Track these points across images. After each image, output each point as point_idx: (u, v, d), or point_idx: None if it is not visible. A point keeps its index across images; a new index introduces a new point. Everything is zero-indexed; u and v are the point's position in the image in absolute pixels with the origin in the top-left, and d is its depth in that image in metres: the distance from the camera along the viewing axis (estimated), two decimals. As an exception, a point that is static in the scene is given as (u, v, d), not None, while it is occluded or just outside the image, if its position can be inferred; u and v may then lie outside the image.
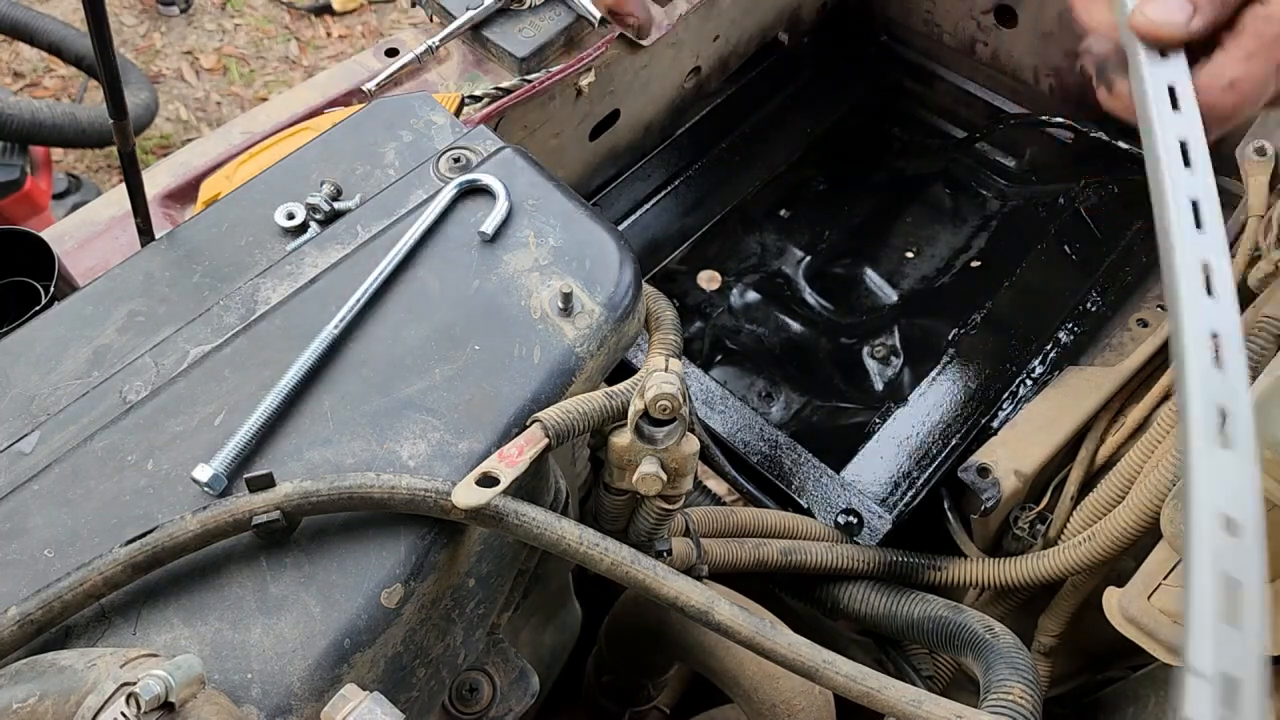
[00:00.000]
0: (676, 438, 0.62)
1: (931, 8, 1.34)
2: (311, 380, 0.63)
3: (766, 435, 0.97)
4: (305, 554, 0.56)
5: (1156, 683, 0.77)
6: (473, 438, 0.62)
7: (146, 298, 0.69)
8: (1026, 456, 0.90)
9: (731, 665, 0.80)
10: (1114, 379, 0.95)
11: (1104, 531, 0.78)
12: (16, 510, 0.58)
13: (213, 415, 0.62)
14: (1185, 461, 0.40)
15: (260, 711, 0.52)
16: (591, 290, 0.68)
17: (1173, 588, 0.67)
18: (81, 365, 0.65)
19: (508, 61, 1.04)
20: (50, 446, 0.61)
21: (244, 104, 2.88)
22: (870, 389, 1.11)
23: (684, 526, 0.84)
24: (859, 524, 0.91)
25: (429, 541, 0.59)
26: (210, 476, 0.57)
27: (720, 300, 1.19)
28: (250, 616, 0.54)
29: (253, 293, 0.68)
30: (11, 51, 2.88)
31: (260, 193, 0.75)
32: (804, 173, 1.30)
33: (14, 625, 0.50)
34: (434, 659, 0.63)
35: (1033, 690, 0.67)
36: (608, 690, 0.98)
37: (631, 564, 0.58)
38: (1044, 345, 1.05)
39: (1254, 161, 0.93)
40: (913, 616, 0.85)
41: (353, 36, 3.10)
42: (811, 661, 0.57)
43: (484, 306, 0.67)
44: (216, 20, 3.09)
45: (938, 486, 0.96)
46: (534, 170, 0.73)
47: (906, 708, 0.56)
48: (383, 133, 0.78)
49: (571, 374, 0.66)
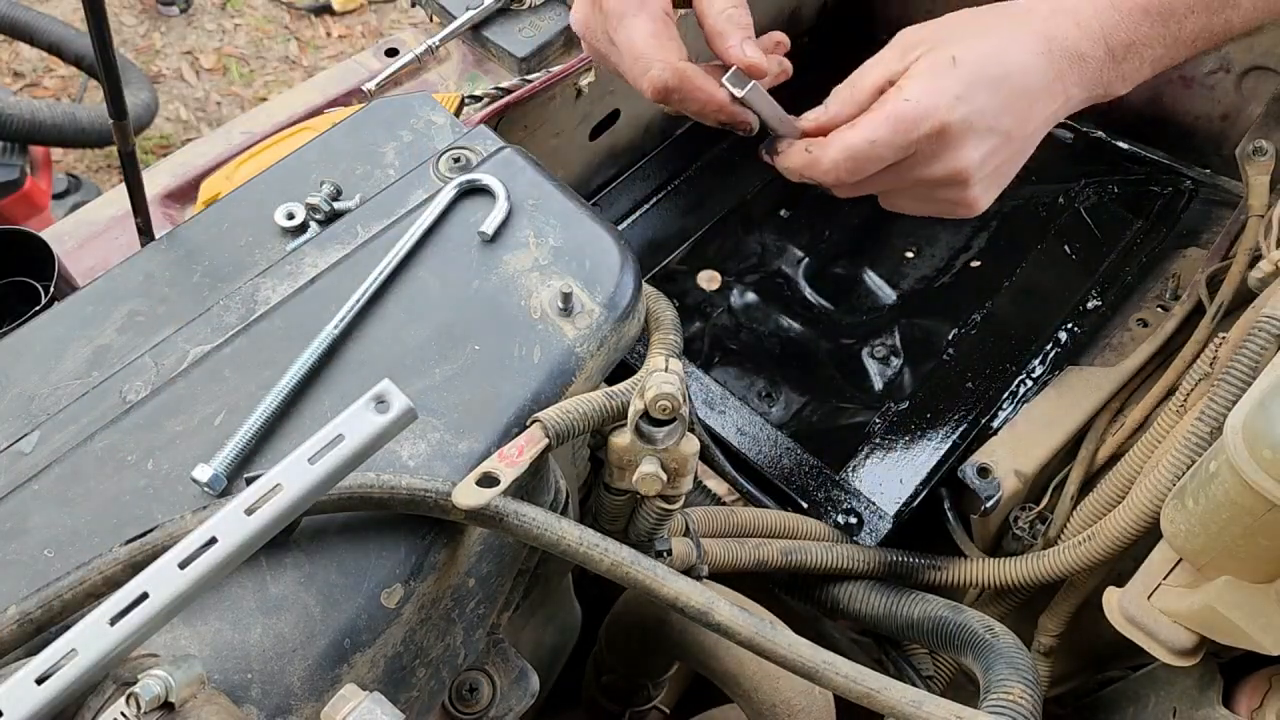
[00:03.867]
0: (676, 438, 0.62)
1: (932, 7, 1.34)
2: (311, 380, 0.63)
3: (766, 435, 0.97)
4: (305, 554, 0.56)
5: (1156, 683, 0.77)
6: (473, 438, 0.62)
7: (146, 298, 0.69)
8: (1026, 456, 0.90)
9: (731, 665, 0.80)
10: (1114, 379, 0.95)
11: (1104, 531, 0.78)
12: (16, 510, 0.58)
13: (213, 415, 0.62)
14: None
15: (260, 711, 0.52)
16: (591, 290, 0.68)
17: (1173, 588, 0.67)
18: (81, 365, 0.65)
19: (508, 61, 1.03)
20: (50, 446, 0.61)
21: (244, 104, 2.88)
22: (870, 389, 1.11)
23: (684, 526, 0.84)
24: (859, 524, 0.91)
25: (429, 541, 0.59)
26: (210, 476, 0.57)
27: (720, 300, 1.19)
28: (250, 616, 0.54)
29: (253, 293, 0.68)
30: (11, 51, 2.88)
31: (260, 193, 0.75)
32: (804, 173, 1.30)
33: (13, 624, 0.50)
34: (434, 659, 0.63)
35: (1033, 690, 0.67)
36: (608, 690, 0.98)
37: (631, 564, 0.58)
38: (1044, 345, 1.05)
39: (1254, 161, 0.93)
40: (912, 616, 0.85)
41: (353, 36, 3.10)
42: (811, 662, 0.57)
43: (484, 306, 0.67)
44: (216, 20, 3.09)
45: (938, 486, 0.96)
46: (534, 170, 0.73)
47: (906, 708, 0.56)
48: (383, 133, 0.78)
49: (571, 374, 0.66)
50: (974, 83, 0.71)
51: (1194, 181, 1.17)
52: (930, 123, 0.70)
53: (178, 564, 0.46)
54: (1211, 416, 0.71)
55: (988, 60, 0.71)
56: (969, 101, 0.71)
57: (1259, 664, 0.69)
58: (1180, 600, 0.66)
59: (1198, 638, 0.66)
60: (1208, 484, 0.58)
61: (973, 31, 0.74)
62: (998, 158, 0.75)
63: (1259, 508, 0.54)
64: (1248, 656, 0.66)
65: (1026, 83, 0.72)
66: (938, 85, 0.70)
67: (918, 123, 0.70)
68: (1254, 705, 0.68)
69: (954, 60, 0.71)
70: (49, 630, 0.51)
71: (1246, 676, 0.69)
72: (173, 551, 0.47)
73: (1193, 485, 0.61)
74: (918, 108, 0.70)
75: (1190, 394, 0.79)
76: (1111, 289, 1.08)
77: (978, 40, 0.73)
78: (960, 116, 0.70)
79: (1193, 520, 0.60)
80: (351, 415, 0.49)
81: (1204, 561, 0.62)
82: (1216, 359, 0.78)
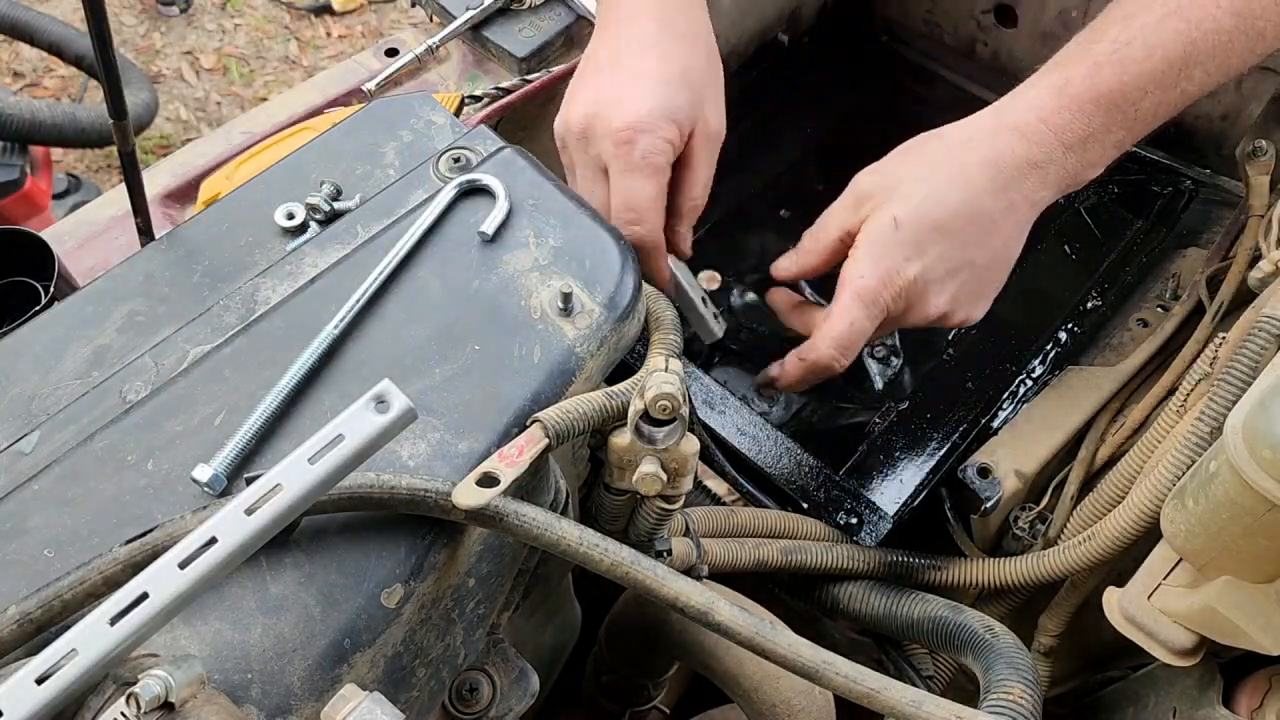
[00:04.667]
0: (676, 438, 0.62)
1: (931, 8, 1.34)
2: (311, 380, 0.63)
3: (766, 435, 0.96)
4: (305, 554, 0.56)
5: (1156, 683, 0.77)
6: (473, 438, 0.62)
7: (146, 298, 0.69)
8: (1026, 456, 0.90)
9: (731, 665, 0.80)
10: (1114, 379, 0.95)
11: (1104, 531, 0.78)
12: (16, 510, 0.58)
13: (213, 415, 0.62)
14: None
15: (260, 711, 0.52)
16: (591, 290, 0.68)
17: (1173, 588, 0.67)
18: (81, 365, 0.65)
19: (508, 61, 1.04)
20: (50, 446, 0.61)
21: (244, 104, 2.88)
22: (870, 389, 1.11)
23: (684, 526, 0.84)
24: (859, 524, 0.91)
25: (429, 541, 0.59)
26: (210, 476, 0.57)
27: (720, 300, 1.19)
28: (250, 616, 0.54)
29: (253, 293, 0.68)
30: (11, 51, 2.88)
31: (260, 193, 0.75)
32: (804, 173, 1.30)
33: (13, 624, 0.50)
34: (434, 659, 0.63)
35: (1033, 690, 0.67)
36: (608, 690, 0.98)
37: (631, 564, 0.58)
38: (1044, 345, 1.04)
39: (1254, 161, 0.93)
40: (913, 616, 0.85)
41: (353, 36, 3.10)
42: (811, 662, 0.57)
43: (484, 306, 0.67)
44: (216, 20, 3.09)
45: (938, 486, 0.95)
46: (534, 170, 0.73)
47: (906, 708, 0.56)
48: (383, 133, 0.78)
49: (571, 374, 0.66)
50: (919, 240, 0.77)
51: (1194, 181, 1.17)
52: (890, 289, 0.77)
53: (178, 564, 0.46)
54: (1211, 416, 0.71)
55: (928, 211, 0.77)
56: (919, 258, 0.77)
57: (1259, 664, 0.69)
58: (1180, 600, 0.66)
59: (1198, 638, 0.66)
60: (1208, 484, 0.58)
61: (915, 177, 0.78)
62: (971, 285, 0.81)
63: (1259, 508, 0.54)
64: (1248, 656, 0.66)
65: (977, 214, 0.77)
66: (886, 253, 0.77)
67: (879, 293, 0.78)
68: (1254, 705, 0.68)
69: (895, 223, 0.77)
70: (49, 630, 0.51)
71: (1246, 676, 0.69)
72: (173, 551, 0.47)
73: (1193, 485, 0.61)
74: (874, 281, 0.77)
75: (1190, 394, 0.79)
76: (1111, 289, 1.08)
77: (919, 188, 0.77)
78: (914, 275, 0.77)
79: (1193, 520, 0.60)
80: (351, 415, 0.49)
81: (1204, 561, 0.62)
82: (1216, 359, 0.78)
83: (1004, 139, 0.77)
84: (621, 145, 0.78)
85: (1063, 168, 0.78)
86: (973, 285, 0.81)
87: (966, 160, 0.77)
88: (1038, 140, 0.76)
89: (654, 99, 0.78)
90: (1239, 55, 0.76)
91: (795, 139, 1.31)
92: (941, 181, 0.77)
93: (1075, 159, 0.78)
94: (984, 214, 0.77)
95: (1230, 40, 0.75)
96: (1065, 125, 0.76)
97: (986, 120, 0.79)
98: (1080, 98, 0.76)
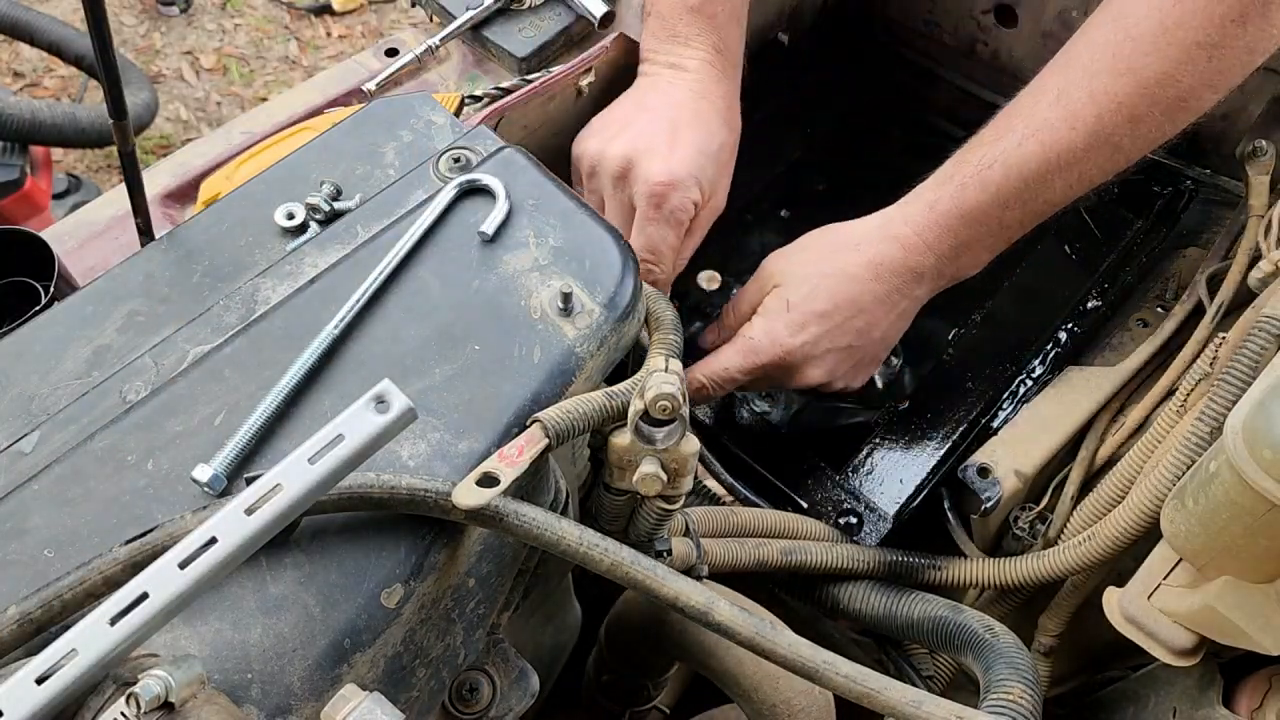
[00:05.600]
0: (676, 438, 0.62)
1: (931, 8, 1.34)
2: (311, 380, 0.63)
3: (766, 435, 0.97)
4: (305, 554, 0.56)
5: (1156, 683, 0.77)
6: (473, 438, 0.62)
7: (146, 298, 0.69)
8: (1026, 456, 0.90)
9: (731, 665, 0.80)
10: (1114, 379, 0.95)
11: (1104, 531, 0.78)
12: (16, 510, 0.58)
13: (213, 415, 0.62)
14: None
15: (260, 711, 0.52)
16: (591, 290, 0.68)
17: (1173, 588, 0.67)
18: (81, 365, 0.65)
19: (508, 61, 1.03)
20: (50, 446, 0.61)
21: (244, 104, 2.88)
22: (870, 389, 1.11)
23: (684, 526, 0.84)
24: (859, 524, 0.91)
25: (429, 541, 0.59)
26: (210, 476, 0.57)
27: (720, 300, 1.19)
28: (250, 616, 0.54)
29: (253, 293, 0.68)
30: (11, 51, 2.88)
31: (260, 193, 0.75)
32: (804, 173, 1.30)
33: (13, 624, 0.50)
34: (434, 659, 0.63)
35: (1033, 690, 0.67)
36: (608, 690, 0.98)
37: (631, 564, 0.58)
38: (1044, 345, 1.04)
39: (1254, 161, 0.93)
40: (913, 616, 0.85)
41: (353, 36, 3.10)
42: (811, 662, 0.57)
43: (484, 306, 0.67)
44: (216, 20, 3.09)
45: (938, 486, 0.95)
46: (534, 170, 0.73)
47: (906, 708, 0.56)
48: (382, 133, 0.78)
49: (571, 374, 0.66)
50: (803, 322, 0.90)
51: (1194, 181, 1.17)
52: (769, 354, 0.90)
53: (178, 564, 0.46)
54: (1211, 416, 0.71)
55: (816, 299, 0.90)
56: (801, 334, 0.90)
57: (1259, 664, 0.69)
58: (1180, 600, 0.66)
59: (1198, 638, 0.66)
60: (1208, 484, 0.58)
61: (809, 269, 0.92)
62: (848, 363, 0.94)
63: (1259, 508, 0.54)
64: (1248, 656, 0.66)
65: (858, 306, 0.90)
66: (774, 326, 0.91)
67: (759, 353, 0.90)
68: (1254, 705, 0.68)
69: (788, 304, 0.90)
70: (49, 630, 0.51)
71: (1246, 676, 0.69)
72: (173, 551, 0.47)
73: (1192, 485, 0.61)
74: (759, 344, 0.91)
75: (1190, 394, 0.79)
76: (1111, 289, 1.08)
77: (813, 278, 0.91)
78: (794, 348, 0.90)
79: (1193, 520, 0.60)
80: (351, 415, 0.49)
81: (1204, 561, 0.62)
82: (1216, 359, 0.78)
83: (886, 246, 0.89)
84: (655, 196, 0.89)
85: (938, 271, 0.91)
86: (849, 362, 0.93)
87: (853, 260, 0.90)
88: (914, 250, 0.89)
89: (691, 164, 0.90)
90: (1097, 168, 0.86)
91: (795, 139, 1.31)
92: (834, 275, 0.90)
93: (950, 264, 0.90)
94: (863, 306, 0.90)
95: (1085, 157, 0.84)
96: (937, 239, 0.88)
97: (874, 228, 0.92)
98: (948, 215, 0.87)
